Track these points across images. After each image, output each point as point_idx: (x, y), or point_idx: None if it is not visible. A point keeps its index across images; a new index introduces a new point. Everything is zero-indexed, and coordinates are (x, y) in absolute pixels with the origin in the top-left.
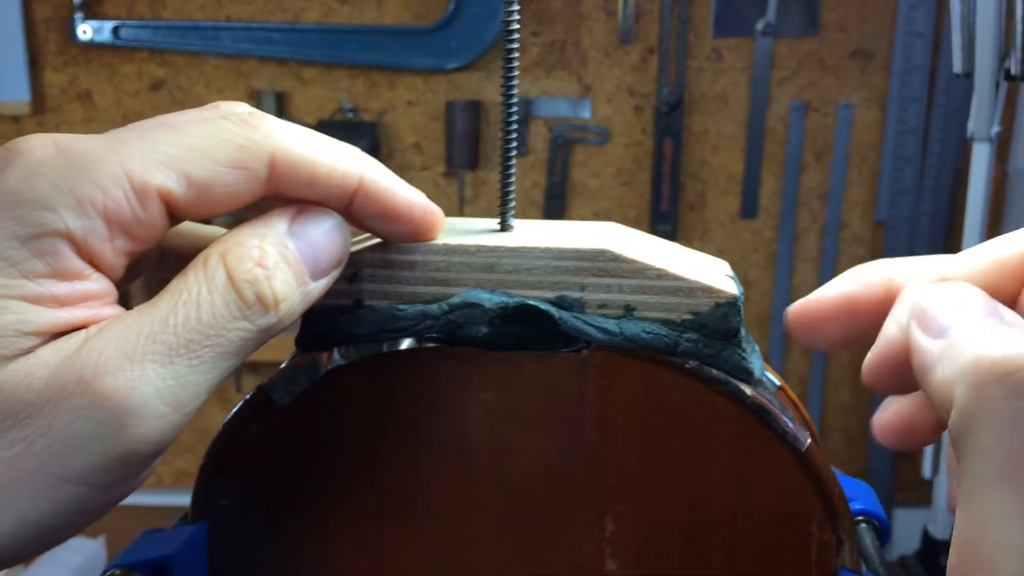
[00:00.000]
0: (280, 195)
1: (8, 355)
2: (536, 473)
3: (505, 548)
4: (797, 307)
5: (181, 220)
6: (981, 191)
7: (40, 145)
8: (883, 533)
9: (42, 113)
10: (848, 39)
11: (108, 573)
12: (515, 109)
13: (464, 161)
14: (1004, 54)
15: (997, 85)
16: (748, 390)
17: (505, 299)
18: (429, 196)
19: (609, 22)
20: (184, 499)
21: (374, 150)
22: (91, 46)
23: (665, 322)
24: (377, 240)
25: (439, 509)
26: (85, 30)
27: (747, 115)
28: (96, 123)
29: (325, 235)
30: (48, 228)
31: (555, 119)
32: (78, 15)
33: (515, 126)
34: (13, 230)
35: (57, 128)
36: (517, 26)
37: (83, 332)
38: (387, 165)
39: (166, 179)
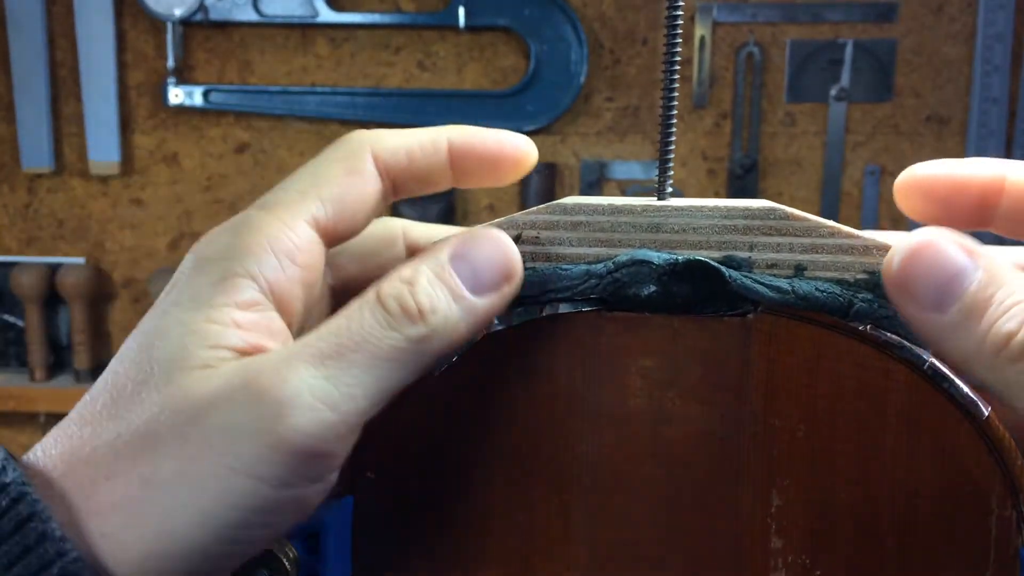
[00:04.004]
0: (395, 184)
1: (196, 365)
2: (698, 444)
3: (665, 524)
4: (907, 174)
5: (334, 242)
6: None
7: (217, 225)
8: None
9: (129, 175)
10: (923, 104)
11: None
12: (676, 79)
13: None
14: None
15: None
16: (925, 355)
17: (674, 256)
18: None
19: (683, 88)
20: None
21: (449, 212)
22: (180, 109)
23: (838, 282)
24: (541, 205)
25: (596, 482)
26: (176, 94)
27: (821, 179)
28: (180, 184)
29: (485, 252)
30: (230, 272)
31: (629, 181)
32: (170, 80)
33: (675, 94)
34: (205, 279)
35: (142, 188)
36: None
37: (262, 354)
38: (463, 227)
39: (307, 208)
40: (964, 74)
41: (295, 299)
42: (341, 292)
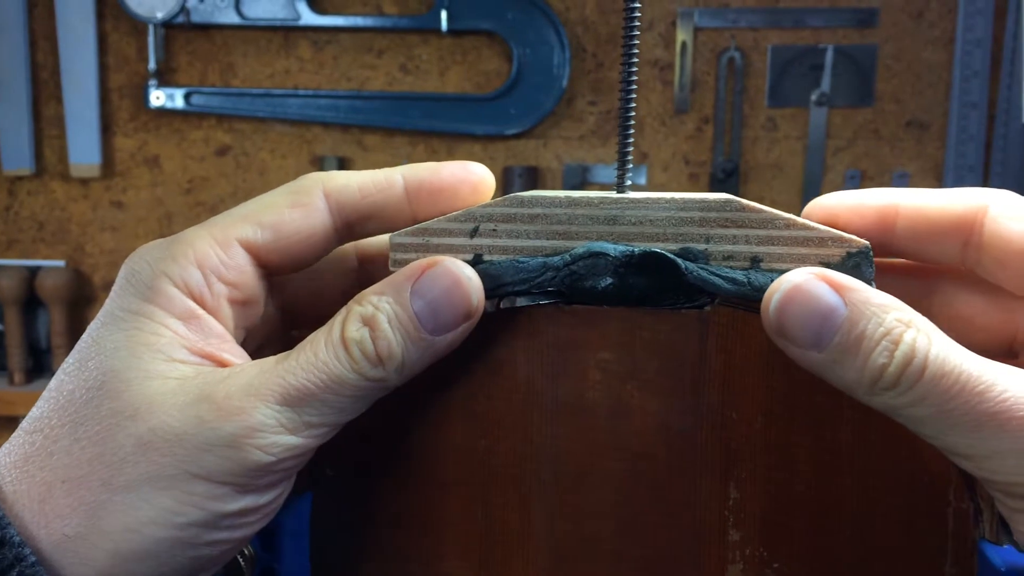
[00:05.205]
0: (348, 221)
1: (152, 375)
2: (656, 437)
3: (624, 517)
4: (812, 204)
5: (274, 271)
6: None
7: (151, 242)
8: None
9: (110, 177)
10: (903, 110)
11: None
12: (635, 73)
13: None
14: None
15: None
16: None
17: (630, 248)
18: None
19: (665, 92)
20: None
21: None
22: (162, 112)
23: None
24: (499, 198)
25: (555, 476)
26: (158, 96)
27: (802, 183)
28: (162, 187)
29: (446, 293)
30: (156, 282)
31: (611, 185)
32: (152, 82)
33: (634, 88)
34: (134, 293)
35: (123, 191)
36: None
37: (226, 370)
38: None
39: (242, 230)
40: (944, 79)
41: (223, 314)
42: (294, 301)
